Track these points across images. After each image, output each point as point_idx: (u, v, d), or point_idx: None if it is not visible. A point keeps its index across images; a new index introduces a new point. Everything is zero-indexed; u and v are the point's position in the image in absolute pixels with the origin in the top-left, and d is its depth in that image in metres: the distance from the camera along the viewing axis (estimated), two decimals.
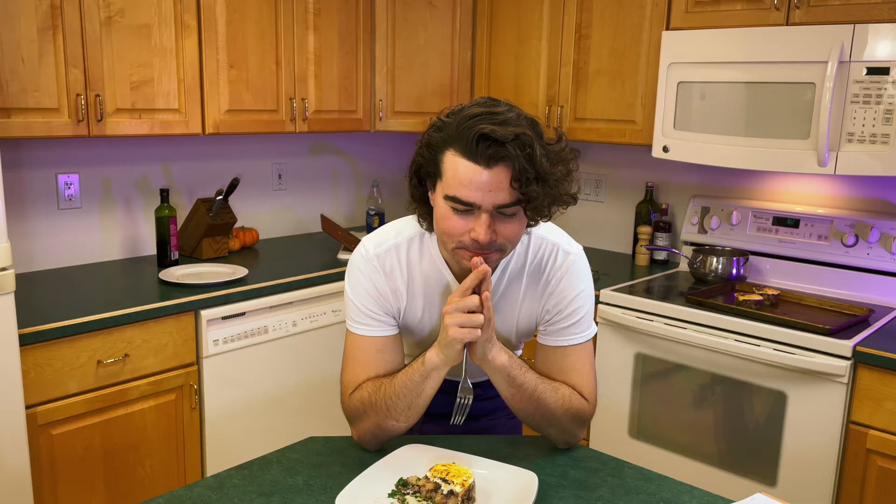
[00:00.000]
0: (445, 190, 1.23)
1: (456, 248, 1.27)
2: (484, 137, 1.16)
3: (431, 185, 1.30)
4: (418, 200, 1.35)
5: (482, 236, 1.21)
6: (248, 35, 2.80)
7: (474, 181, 1.19)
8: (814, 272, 2.70)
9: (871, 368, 2.09)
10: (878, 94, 2.19)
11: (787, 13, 2.40)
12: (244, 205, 3.31)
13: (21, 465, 2.01)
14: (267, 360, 2.69)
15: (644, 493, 1.29)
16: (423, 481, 1.22)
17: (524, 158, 1.17)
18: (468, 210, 1.22)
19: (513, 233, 1.25)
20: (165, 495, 1.24)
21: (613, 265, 3.05)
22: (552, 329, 1.41)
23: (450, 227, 1.25)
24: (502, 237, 1.24)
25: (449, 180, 1.22)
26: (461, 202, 1.21)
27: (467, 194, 1.20)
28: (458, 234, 1.24)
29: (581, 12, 2.89)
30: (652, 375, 2.54)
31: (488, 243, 1.23)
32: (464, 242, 1.25)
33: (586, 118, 2.94)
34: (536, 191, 1.19)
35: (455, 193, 1.21)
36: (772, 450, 2.28)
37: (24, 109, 2.26)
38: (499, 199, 1.20)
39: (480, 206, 1.20)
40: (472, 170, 1.18)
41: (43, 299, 2.36)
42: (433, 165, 1.26)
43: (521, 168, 1.17)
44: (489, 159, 1.17)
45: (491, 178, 1.18)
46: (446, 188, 1.23)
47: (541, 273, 1.40)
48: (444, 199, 1.24)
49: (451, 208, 1.23)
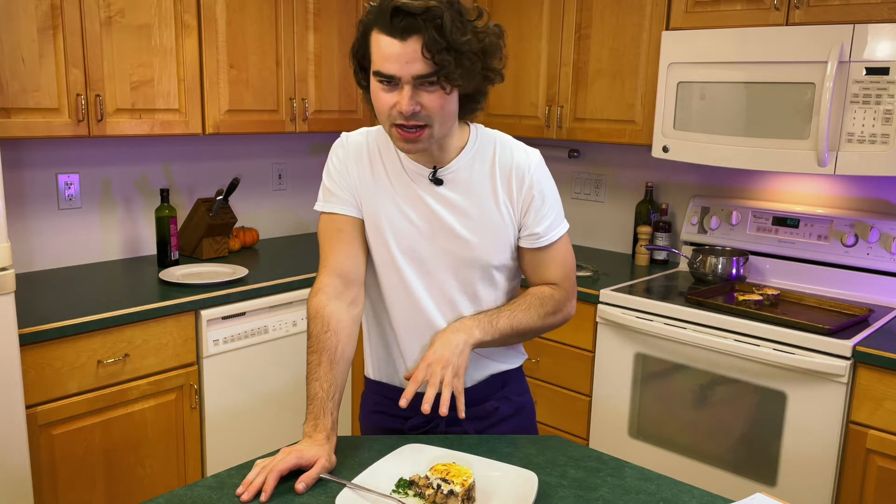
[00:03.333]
0: (373, 66, 1.31)
1: (391, 127, 1.34)
2: (397, 10, 1.24)
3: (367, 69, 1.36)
4: (363, 88, 1.41)
5: (405, 106, 1.28)
6: (249, 35, 2.80)
7: (392, 54, 1.26)
8: (814, 272, 2.70)
9: (871, 368, 2.09)
10: (878, 94, 2.20)
11: (786, 13, 2.40)
12: (244, 205, 3.31)
13: (21, 465, 2.01)
14: (267, 360, 2.69)
15: (644, 493, 1.29)
16: (423, 481, 1.22)
17: (434, 29, 1.24)
18: (392, 85, 1.29)
19: (436, 105, 1.30)
20: (165, 495, 1.24)
21: (613, 265, 3.05)
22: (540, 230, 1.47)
23: (379, 103, 1.32)
24: (426, 109, 1.30)
25: (374, 58, 1.30)
26: (383, 75, 1.29)
27: (387, 67, 1.27)
28: (388, 110, 1.31)
29: (581, 12, 2.89)
30: (652, 375, 2.54)
31: (411, 114, 1.29)
32: (393, 117, 1.31)
33: (586, 118, 2.94)
34: (448, 59, 1.25)
35: (378, 68, 1.29)
36: (772, 450, 2.29)
37: (24, 109, 2.26)
38: (415, 70, 1.26)
39: (400, 77, 1.27)
40: (389, 43, 1.26)
41: (43, 299, 2.36)
42: (364, 46, 1.33)
43: (431, 38, 1.24)
44: (402, 31, 1.25)
45: (405, 49, 1.25)
46: (373, 65, 1.31)
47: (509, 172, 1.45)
48: (373, 77, 1.32)
49: (378, 85, 1.31)
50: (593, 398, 2.71)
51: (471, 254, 1.44)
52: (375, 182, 1.46)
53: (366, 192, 1.46)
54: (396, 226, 1.45)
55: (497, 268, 1.48)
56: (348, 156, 1.48)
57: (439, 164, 1.43)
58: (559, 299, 1.51)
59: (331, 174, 1.49)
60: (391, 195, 1.45)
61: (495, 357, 1.54)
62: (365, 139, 1.49)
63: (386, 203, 1.45)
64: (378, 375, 1.58)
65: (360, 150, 1.48)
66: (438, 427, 1.51)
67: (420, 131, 1.32)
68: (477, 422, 1.53)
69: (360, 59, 1.37)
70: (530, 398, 1.65)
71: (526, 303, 1.48)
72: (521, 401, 1.61)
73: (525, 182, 1.45)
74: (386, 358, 1.56)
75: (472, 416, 1.50)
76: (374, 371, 1.60)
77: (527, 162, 1.46)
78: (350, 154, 1.48)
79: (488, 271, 1.47)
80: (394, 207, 1.44)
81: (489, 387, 1.54)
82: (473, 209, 1.44)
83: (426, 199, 1.44)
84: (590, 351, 2.70)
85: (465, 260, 1.45)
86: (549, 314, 1.49)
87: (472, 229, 1.44)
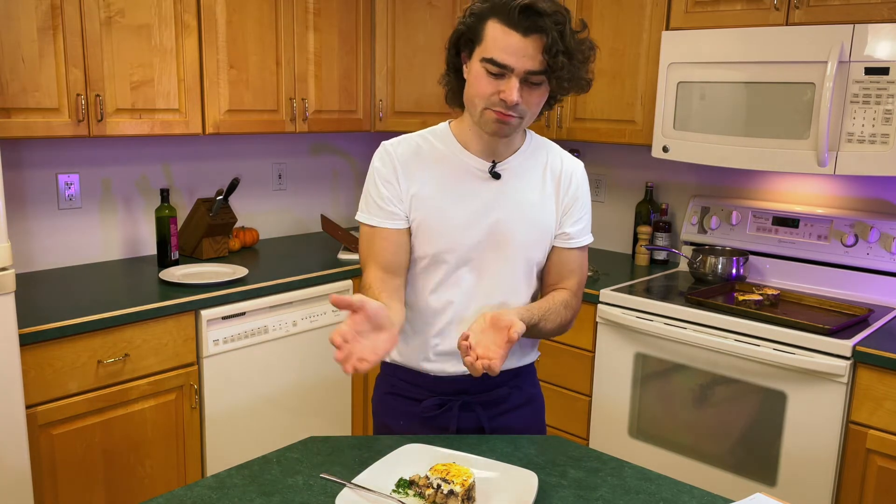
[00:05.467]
0: (483, 53, 1.37)
1: (484, 109, 1.40)
2: (526, 8, 1.32)
3: (468, 53, 1.42)
4: (451, 70, 1.49)
5: (512, 96, 1.35)
6: (249, 35, 2.80)
7: (511, 45, 1.33)
8: (813, 272, 2.70)
9: (871, 368, 2.09)
10: (878, 94, 2.20)
11: (786, 13, 2.40)
12: (244, 205, 3.31)
13: (21, 465, 2.01)
14: (267, 360, 2.69)
15: (644, 493, 1.29)
16: (423, 481, 1.22)
17: (557, 32, 1.33)
18: (500, 74, 1.36)
19: (535, 102, 1.40)
20: (165, 495, 1.24)
21: (613, 265, 3.05)
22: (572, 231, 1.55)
23: (482, 88, 1.39)
24: (525, 103, 1.39)
25: (488, 44, 1.36)
26: (497, 64, 1.35)
27: (503, 57, 1.34)
28: (488, 95, 1.38)
29: (581, 12, 2.89)
30: (652, 375, 2.54)
31: (514, 105, 1.37)
32: (492, 102, 1.38)
33: (586, 118, 2.94)
34: (563, 62, 1.34)
35: (492, 56, 1.35)
36: (772, 450, 2.29)
37: (24, 109, 2.26)
38: (529, 65, 1.34)
39: (513, 69, 1.34)
40: (511, 35, 1.33)
41: (43, 299, 2.36)
42: (474, 32, 1.39)
43: (553, 40, 1.32)
44: (527, 28, 1.32)
45: (526, 45, 1.33)
46: (484, 52, 1.36)
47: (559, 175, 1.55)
48: (480, 62, 1.37)
49: (485, 70, 1.37)
50: (593, 398, 2.71)
51: (517, 247, 1.51)
52: (434, 179, 1.50)
53: (421, 192, 1.50)
54: (454, 220, 1.50)
55: (537, 263, 1.56)
56: (395, 163, 1.50)
57: (498, 159, 1.51)
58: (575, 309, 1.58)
59: (378, 188, 1.51)
60: (448, 189, 1.50)
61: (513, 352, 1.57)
62: (417, 142, 1.53)
63: (444, 198, 1.50)
64: (399, 359, 1.61)
65: (411, 155, 1.52)
66: (451, 410, 1.55)
67: (512, 118, 1.40)
68: (489, 408, 1.58)
69: (463, 44, 1.43)
70: (541, 393, 1.70)
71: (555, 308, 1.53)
72: (532, 391, 1.66)
73: (572, 185, 1.55)
74: (411, 342, 1.58)
75: (483, 401, 1.57)
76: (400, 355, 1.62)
77: (574, 167, 1.58)
78: (398, 161, 1.50)
79: (530, 265, 1.55)
80: (451, 202, 1.50)
81: (503, 375, 1.58)
82: (525, 204, 1.52)
83: (482, 193, 1.50)
84: (590, 351, 2.70)
85: (511, 252, 1.52)
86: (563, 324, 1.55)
87: (522, 223, 1.51)
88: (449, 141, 1.52)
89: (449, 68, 1.50)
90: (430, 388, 1.57)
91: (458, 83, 1.49)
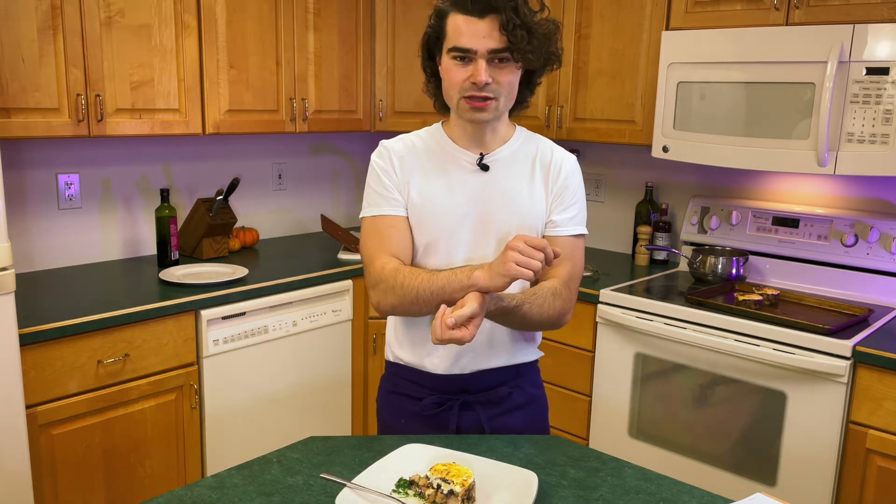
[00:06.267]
0: (448, 45, 1.45)
1: (461, 99, 1.46)
2: None
3: (439, 51, 1.49)
4: (428, 74, 1.57)
5: (480, 76, 1.41)
6: (249, 35, 2.80)
7: (470, 30, 1.41)
8: (813, 272, 2.70)
9: (871, 368, 2.09)
10: (878, 94, 2.20)
11: (786, 13, 2.40)
12: (244, 205, 3.31)
13: (21, 465, 2.01)
14: (267, 360, 2.69)
15: (644, 493, 1.29)
16: (423, 481, 1.22)
17: (510, 9, 1.39)
18: (467, 59, 1.43)
19: (506, 80, 1.46)
20: (165, 495, 1.24)
21: (613, 265, 3.05)
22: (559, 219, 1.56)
23: (453, 77, 1.45)
24: (496, 83, 1.44)
25: (450, 36, 1.44)
26: (460, 49, 1.42)
27: (465, 41, 1.42)
28: (460, 82, 1.44)
29: (581, 12, 2.89)
30: (652, 375, 2.54)
31: (485, 85, 1.43)
32: (465, 89, 1.44)
33: (586, 118, 2.94)
34: (522, 35, 1.40)
35: (455, 44, 1.43)
36: (772, 450, 2.29)
37: (24, 109, 2.26)
38: (491, 44, 1.41)
39: (476, 51, 1.41)
40: (468, 21, 1.41)
41: (43, 299, 2.36)
42: (439, 30, 1.47)
43: (508, 16, 1.39)
44: (482, 10, 1.40)
45: (483, 26, 1.40)
46: (448, 43, 1.45)
47: (548, 165, 1.58)
48: (447, 55, 1.46)
49: (453, 60, 1.45)
50: (593, 398, 2.71)
51: (506, 237, 1.52)
52: (427, 172, 1.55)
53: (415, 183, 1.55)
54: (444, 210, 1.53)
55: None
56: (393, 157, 1.56)
57: (486, 150, 1.55)
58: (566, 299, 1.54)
59: (379, 179, 1.56)
60: (438, 181, 1.55)
61: (511, 348, 1.59)
62: (412, 139, 1.59)
63: (435, 190, 1.54)
64: (402, 358, 1.62)
65: (406, 150, 1.57)
66: (452, 409, 1.57)
67: (487, 102, 1.45)
68: (490, 407, 1.58)
69: (433, 45, 1.51)
70: (544, 393, 1.70)
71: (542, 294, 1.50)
72: (534, 392, 1.66)
73: (561, 174, 1.58)
74: (415, 340, 1.59)
75: (484, 400, 1.58)
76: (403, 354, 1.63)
77: (564, 158, 1.60)
78: (394, 155, 1.56)
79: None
80: (442, 193, 1.54)
81: (503, 374, 1.59)
82: (513, 194, 1.55)
83: (471, 184, 1.54)
84: (590, 351, 2.70)
85: (501, 242, 1.53)
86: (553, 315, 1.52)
87: (510, 213, 1.54)
88: (440, 137, 1.58)
89: (427, 74, 1.57)
90: (430, 387, 1.58)
91: (437, 85, 1.55)
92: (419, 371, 1.59)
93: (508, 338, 1.58)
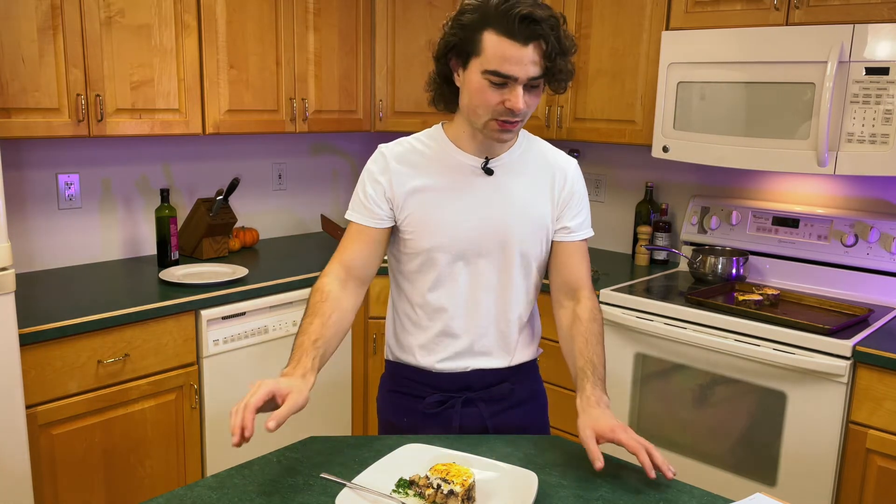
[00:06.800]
0: (485, 66, 1.37)
1: (489, 120, 1.42)
2: (525, 17, 1.32)
3: (462, 63, 1.42)
4: (442, 79, 1.50)
5: (520, 105, 1.37)
6: (249, 35, 2.80)
7: (514, 56, 1.34)
8: (813, 272, 2.70)
9: (871, 368, 2.09)
10: (878, 94, 2.20)
11: (786, 13, 2.40)
12: (244, 205, 3.31)
13: (21, 465, 2.01)
14: (267, 360, 2.69)
15: (644, 493, 1.29)
16: (423, 481, 1.22)
17: (554, 37, 1.35)
18: (503, 83, 1.37)
19: (534, 103, 1.43)
20: (165, 495, 1.24)
21: (613, 265, 3.05)
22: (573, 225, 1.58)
23: (486, 99, 1.39)
24: (528, 107, 1.42)
25: (490, 57, 1.36)
26: (501, 75, 1.36)
27: (508, 68, 1.35)
28: (493, 105, 1.39)
29: (581, 12, 2.89)
30: (652, 375, 2.54)
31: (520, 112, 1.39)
32: (498, 112, 1.40)
33: (586, 118, 2.94)
34: (562, 64, 1.38)
35: (496, 68, 1.35)
36: (772, 450, 2.29)
37: (24, 109, 2.26)
38: (533, 72, 1.36)
39: (517, 78, 1.35)
40: (512, 46, 1.34)
41: (43, 299, 2.36)
42: (470, 44, 1.38)
43: (551, 45, 1.35)
44: (527, 37, 1.33)
45: (528, 53, 1.34)
46: (486, 64, 1.36)
47: (553, 172, 1.57)
48: (482, 74, 1.38)
49: (488, 82, 1.38)
50: None
51: (511, 241, 1.53)
52: (428, 176, 1.52)
53: (414, 189, 1.52)
54: (448, 214, 1.51)
55: (534, 258, 1.57)
56: (389, 163, 1.53)
57: (491, 155, 1.53)
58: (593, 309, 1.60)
59: (365, 187, 1.54)
60: (441, 185, 1.52)
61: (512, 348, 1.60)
62: (412, 143, 1.56)
63: (438, 194, 1.52)
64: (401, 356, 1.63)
65: (405, 154, 1.54)
66: (454, 407, 1.57)
67: (516, 124, 1.43)
68: (492, 404, 1.59)
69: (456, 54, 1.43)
70: (544, 390, 1.72)
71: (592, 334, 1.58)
72: (535, 388, 1.68)
73: (567, 181, 1.58)
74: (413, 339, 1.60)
75: (486, 397, 1.59)
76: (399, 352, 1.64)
77: (567, 164, 1.60)
78: (392, 160, 1.53)
79: (526, 260, 1.56)
80: (445, 198, 1.52)
81: (504, 372, 1.60)
82: (518, 199, 1.53)
83: (475, 189, 1.52)
84: None
85: (505, 247, 1.53)
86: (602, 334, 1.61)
87: (515, 218, 1.53)
88: (442, 140, 1.55)
89: (440, 77, 1.51)
90: (432, 385, 1.58)
91: (448, 90, 1.51)
92: (420, 369, 1.59)
93: (509, 338, 1.59)
